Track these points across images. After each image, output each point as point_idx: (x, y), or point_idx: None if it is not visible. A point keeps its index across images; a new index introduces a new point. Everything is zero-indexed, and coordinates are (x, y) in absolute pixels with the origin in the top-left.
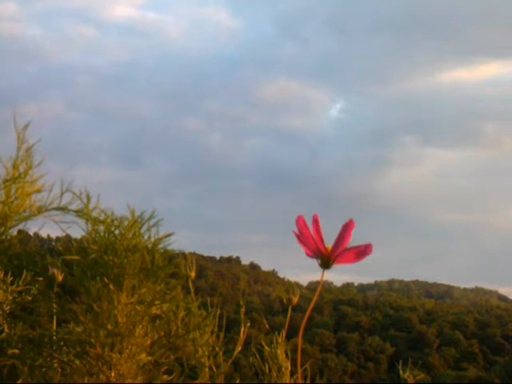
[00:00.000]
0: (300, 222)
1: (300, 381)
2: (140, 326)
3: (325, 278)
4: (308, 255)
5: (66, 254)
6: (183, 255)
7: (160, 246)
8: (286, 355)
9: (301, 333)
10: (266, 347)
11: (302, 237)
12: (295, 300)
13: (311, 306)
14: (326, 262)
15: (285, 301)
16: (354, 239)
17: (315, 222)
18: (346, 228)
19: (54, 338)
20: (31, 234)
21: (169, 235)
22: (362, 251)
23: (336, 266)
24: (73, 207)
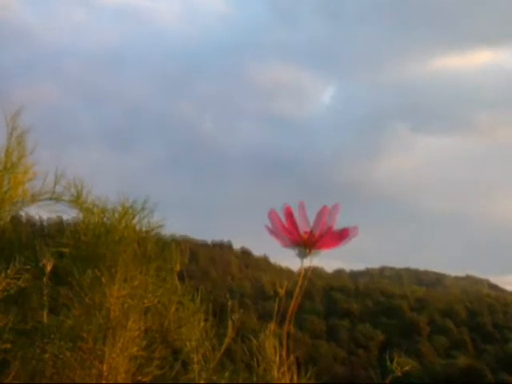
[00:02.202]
0: (272, 215)
1: (287, 370)
2: (132, 319)
3: (314, 265)
4: (283, 246)
5: (58, 244)
6: (175, 242)
7: (151, 234)
8: (275, 348)
9: (287, 322)
10: (255, 341)
11: (275, 229)
12: (282, 292)
13: (296, 294)
14: (302, 251)
15: (272, 293)
16: (347, 225)
17: (289, 215)
18: (320, 214)
19: (46, 331)
20: (23, 216)
21: (160, 225)
22: (340, 235)
23: (327, 253)
24: (66, 195)
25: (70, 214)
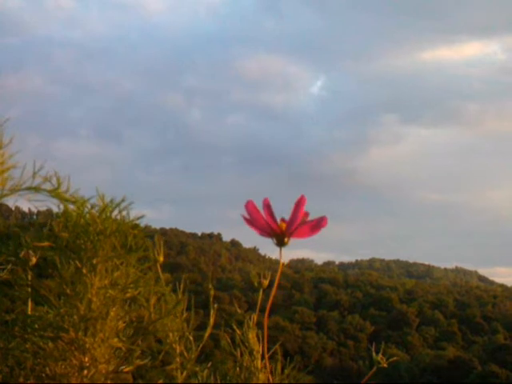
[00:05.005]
0: (249, 206)
1: (268, 363)
2: (114, 309)
3: (301, 257)
4: (260, 235)
5: (40, 235)
6: (163, 233)
7: (131, 226)
8: (258, 339)
9: (266, 315)
10: (238, 331)
11: (253, 220)
12: (266, 283)
13: (275, 285)
14: (280, 240)
15: (256, 284)
16: (336, 217)
17: (266, 206)
18: (298, 204)
19: (29, 320)
20: (12, 207)
21: (140, 217)
22: (317, 224)
23: (317, 245)
24: (46, 186)
25: (59, 206)
